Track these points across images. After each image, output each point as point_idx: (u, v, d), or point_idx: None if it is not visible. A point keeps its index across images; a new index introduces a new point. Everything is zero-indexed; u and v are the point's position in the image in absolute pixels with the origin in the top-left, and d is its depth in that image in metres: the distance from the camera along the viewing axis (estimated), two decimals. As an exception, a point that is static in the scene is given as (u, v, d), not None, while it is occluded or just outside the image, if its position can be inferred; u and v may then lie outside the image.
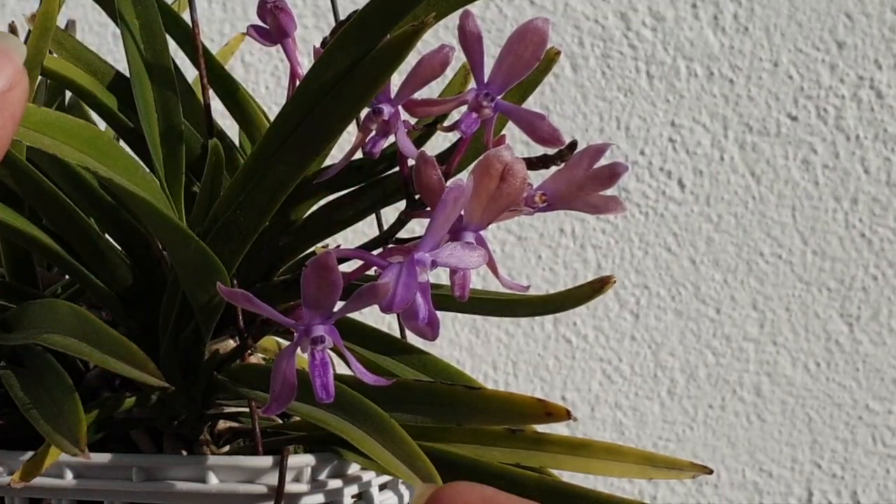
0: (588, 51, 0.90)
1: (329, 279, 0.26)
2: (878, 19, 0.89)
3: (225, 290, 0.26)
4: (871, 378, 0.93)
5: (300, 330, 0.26)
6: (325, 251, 0.26)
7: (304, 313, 0.27)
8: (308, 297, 0.26)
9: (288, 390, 0.26)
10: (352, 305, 0.26)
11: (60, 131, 0.34)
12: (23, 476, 0.38)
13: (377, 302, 0.26)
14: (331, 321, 0.26)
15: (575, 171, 0.34)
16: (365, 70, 0.33)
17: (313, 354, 0.26)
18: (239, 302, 0.26)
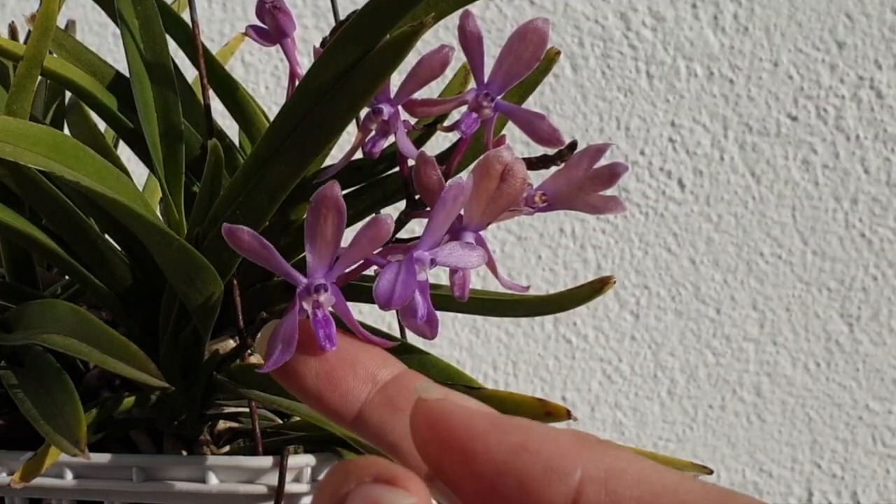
0: (588, 51, 0.90)
1: (335, 212, 0.25)
2: (878, 19, 0.89)
3: (227, 227, 0.26)
4: (871, 378, 0.93)
5: (302, 284, 0.26)
6: (331, 182, 0.25)
7: (308, 264, 0.26)
8: (312, 236, 0.26)
9: (288, 341, 0.25)
10: (353, 250, 0.26)
11: (23, 138, 0.34)
12: (23, 476, 0.38)
13: (376, 242, 0.26)
14: (333, 275, 0.26)
15: (575, 171, 0.34)
16: (364, 70, 0.33)
17: (315, 312, 0.26)
18: (242, 237, 0.26)
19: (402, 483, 0.20)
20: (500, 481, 0.21)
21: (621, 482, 0.21)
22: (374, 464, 0.20)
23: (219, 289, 0.38)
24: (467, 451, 0.21)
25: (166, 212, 0.43)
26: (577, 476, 0.21)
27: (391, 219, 0.26)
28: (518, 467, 0.21)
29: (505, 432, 0.21)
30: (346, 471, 0.20)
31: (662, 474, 0.21)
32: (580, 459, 0.21)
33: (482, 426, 0.22)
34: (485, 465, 0.21)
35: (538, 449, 0.21)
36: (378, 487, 0.20)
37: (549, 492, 0.21)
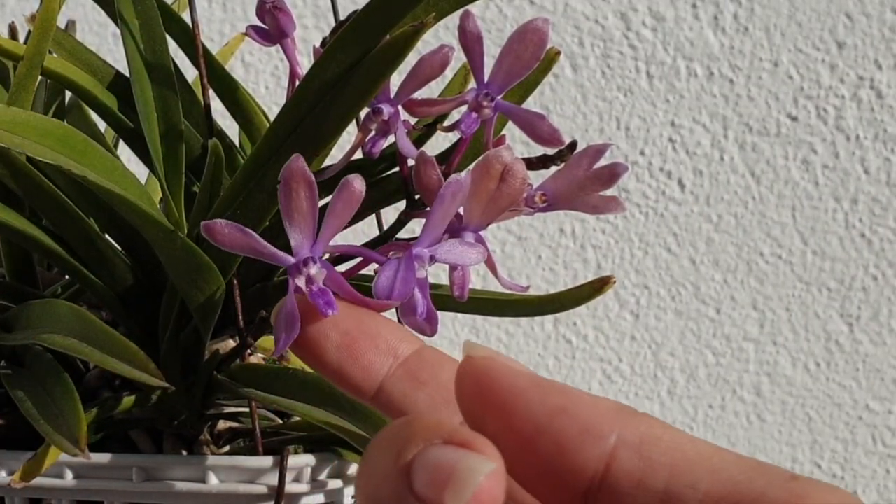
0: (588, 51, 0.90)
1: (304, 183, 0.25)
2: (878, 19, 0.89)
3: (205, 224, 0.26)
4: (871, 378, 0.93)
5: (290, 262, 0.26)
6: (295, 155, 0.25)
7: (293, 242, 0.26)
8: (288, 213, 0.26)
9: (290, 320, 0.25)
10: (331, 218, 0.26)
11: (33, 130, 0.34)
12: (23, 476, 0.38)
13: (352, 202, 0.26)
14: (319, 247, 0.26)
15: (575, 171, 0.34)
16: (365, 70, 0.33)
17: (310, 288, 0.25)
18: (221, 230, 0.25)
19: (478, 447, 0.19)
20: (538, 439, 0.21)
21: (655, 448, 0.21)
22: (442, 425, 0.19)
23: (221, 287, 0.38)
24: (508, 409, 0.22)
25: (166, 211, 0.43)
26: (611, 440, 0.21)
27: (360, 178, 0.26)
28: (556, 427, 0.21)
29: (546, 393, 0.22)
30: (410, 431, 0.19)
31: (696, 443, 0.22)
32: (616, 424, 0.21)
33: (524, 385, 0.22)
34: (524, 423, 0.22)
35: (576, 411, 0.22)
36: (452, 450, 0.19)
37: (583, 453, 0.21)
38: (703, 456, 0.21)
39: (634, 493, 0.21)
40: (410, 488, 0.19)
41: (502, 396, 0.22)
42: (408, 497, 0.19)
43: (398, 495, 0.19)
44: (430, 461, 0.19)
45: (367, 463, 0.20)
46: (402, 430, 0.20)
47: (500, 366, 0.22)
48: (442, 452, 0.19)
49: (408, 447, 0.19)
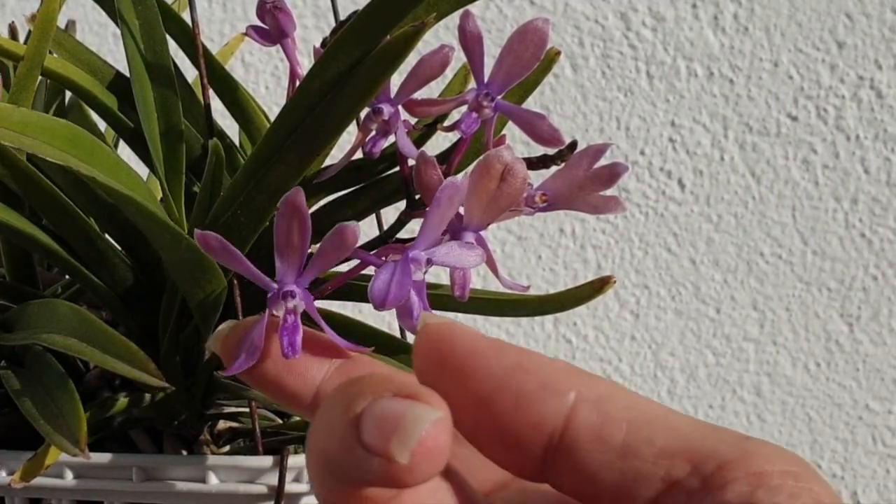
0: (588, 51, 0.90)
1: (298, 219, 0.26)
2: (878, 19, 0.89)
3: (198, 233, 0.26)
4: (871, 378, 0.93)
5: (273, 289, 0.26)
6: (295, 189, 0.26)
7: (277, 270, 0.26)
8: (279, 243, 0.26)
9: (254, 348, 0.25)
10: (319, 258, 0.26)
11: (42, 131, 0.34)
12: (23, 476, 0.38)
13: (342, 250, 0.26)
14: (303, 281, 0.26)
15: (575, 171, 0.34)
16: (365, 70, 0.33)
17: (285, 318, 0.26)
18: (211, 244, 0.26)
19: (424, 398, 0.19)
20: (497, 397, 0.22)
21: (614, 405, 0.22)
22: (390, 378, 0.20)
23: (222, 287, 0.38)
24: (467, 369, 0.22)
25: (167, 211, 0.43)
26: (571, 396, 0.22)
27: (356, 226, 0.26)
28: (514, 384, 0.22)
29: (503, 351, 0.22)
30: (359, 386, 0.20)
31: (652, 404, 0.22)
32: (575, 382, 0.22)
33: (482, 346, 0.22)
34: (482, 383, 0.22)
35: (534, 368, 0.22)
36: (399, 402, 0.19)
37: (542, 408, 0.22)
38: (659, 415, 0.22)
39: (592, 448, 0.21)
40: (358, 439, 0.19)
41: (460, 358, 0.22)
42: (355, 447, 0.19)
43: (346, 446, 0.19)
44: (378, 412, 0.19)
45: (318, 419, 0.21)
46: (352, 386, 0.20)
47: (458, 330, 0.22)
48: (389, 404, 0.19)
49: (357, 400, 0.20)
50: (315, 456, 0.20)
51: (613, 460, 0.21)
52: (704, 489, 0.20)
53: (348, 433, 0.19)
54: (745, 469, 0.20)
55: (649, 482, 0.21)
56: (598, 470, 0.21)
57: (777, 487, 0.20)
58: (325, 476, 0.20)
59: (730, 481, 0.20)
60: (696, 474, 0.21)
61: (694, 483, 0.21)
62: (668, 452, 0.21)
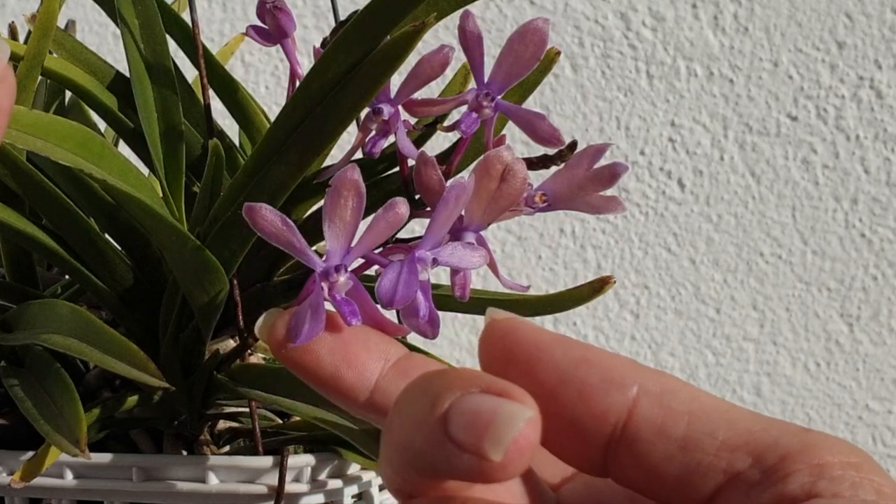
0: (588, 51, 0.90)
1: (355, 195, 0.25)
2: (878, 19, 0.89)
3: (248, 205, 0.25)
4: (871, 378, 0.93)
5: (320, 267, 0.26)
6: (351, 165, 0.25)
7: (327, 247, 0.26)
8: (331, 219, 0.26)
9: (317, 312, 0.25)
10: (371, 234, 0.26)
11: (53, 134, 0.34)
12: (23, 476, 0.38)
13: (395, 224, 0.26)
14: (351, 257, 0.26)
15: (575, 171, 0.34)
16: (365, 70, 0.33)
17: (334, 295, 0.25)
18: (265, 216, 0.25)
19: (516, 396, 0.19)
20: (562, 389, 0.22)
21: (675, 398, 0.22)
22: (479, 375, 0.20)
23: (225, 288, 0.38)
24: (532, 362, 0.22)
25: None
26: (634, 390, 0.22)
27: (405, 202, 0.26)
28: (579, 376, 0.22)
29: (569, 346, 0.22)
30: (446, 380, 0.20)
31: (713, 398, 0.22)
32: (638, 375, 0.22)
33: (548, 339, 0.22)
34: (547, 375, 0.22)
35: (598, 362, 0.22)
36: (490, 398, 0.19)
37: (606, 401, 0.22)
38: (720, 408, 0.22)
39: (654, 441, 0.22)
40: (447, 433, 0.19)
41: (527, 351, 0.22)
42: (444, 443, 0.19)
43: (434, 440, 0.19)
44: (468, 408, 0.19)
45: (399, 412, 0.21)
46: (437, 379, 0.20)
47: (524, 324, 0.23)
48: (480, 400, 0.19)
49: (444, 395, 0.19)
50: (395, 447, 0.20)
51: (675, 453, 0.21)
52: (766, 481, 0.20)
53: (436, 428, 0.19)
54: (806, 460, 0.20)
55: (711, 474, 0.21)
56: (660, 462, 0.21)
57: (839, 478, 0.20)
58: (404, 466, 0.20)
59: (791, 472, 0.20)
60: (757, 466, 0.21)
61: (755, 475, 0.21)
62: (729, 445, 0.21)
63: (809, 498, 0.20)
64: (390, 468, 0.21)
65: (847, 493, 0.20)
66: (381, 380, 0.25)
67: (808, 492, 0.20)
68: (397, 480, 0.21)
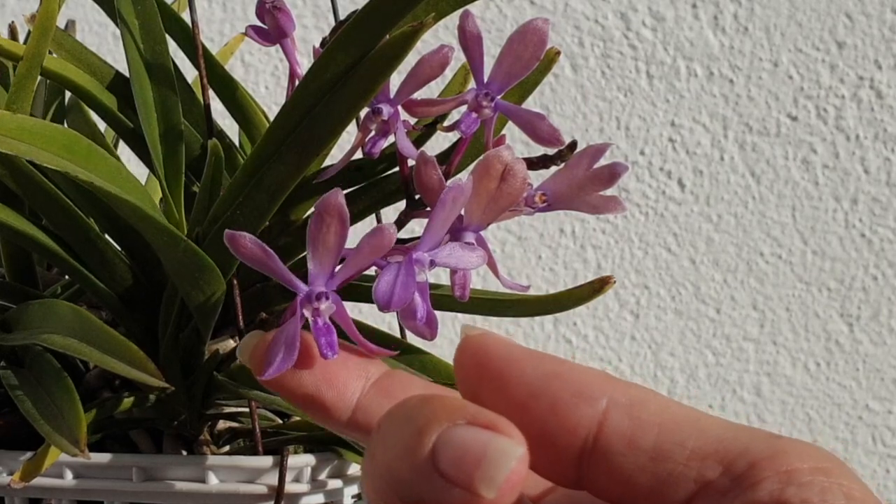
0: (588, 51, 0.90)
1: (338, 220, 0.25)
2: (878, 19, 0.89)
3: (229, 233, 0.25)
4: (871, 378, 0.93)
5: (303, 292, 0.26)
6: (334, 190, 0.25)
7: (309, 271, 0.26)
8: (314, 243, 0.26)
9: (291, 343, 0.25)
10: (353, 262, 0.26)
11: (38, 137, 0.34)
12: (23, 476, 0.38)
13: (380, 250, 0.26)
14: (334, 283, 0.26)
15: (575, 171, 0.34)
16: (364, 70, 0.33)
17: (315, 320, 0.25)
18: (244, 244, 0.25)
19: (503, 429, 0.19)
20: (533, 403, 0.22)
21: (644, 409, 0.22)
22: (464, 405, 0.19)
23: (221, 288, 0.38)
24: (505, 376, 0.22)
25: (166, 212, 0.43)
26: (603, 402, 0.22)
27: (394, 227, 0.26)
28: (550, 391, 0.22)
29: (539, 360, 0.23)
30: (431, 409, 0.20)
31: (682, 407, 0.22)
32: (607, 388, 0.22)
33: (519, 354, 0.23)
34: (519, 389, 0.22)
35: (569, 376, 0.22)
36: (479, 432, 0.19)
37: (576, 414, 0.22)
38: (690, 417, 0.22)
39: (625, 452, 0.22)
40: (435, 467, 0.19)
41: (499, 366, 0.23)
42: (432, 476, 0.19)
43: (421, 472, 0.19)
44: (457, 441, 0.19)
45: (383, 439, 0.20)
46: (421, 408, 0.20)
47: (495, 340, 0.23)
48: (468, 433, 0.19)
49: (431, 426, 0.19)
50: (379, 473, 0.20)
51: (646, 463, 0.21)
52: (736, 488, 0.20)
53: (424, 460, 0.19)
54: (775, 467, 0.20)
55: (682, 484, 0.21)
56: (632, 473, 0.22)
57: (808, 484, 0.20)
58: (387, 492, 0.20)
59: (760, 480, 0.20)
60: (727, 474, 0.21)
61: (725, 483, 0.21)
62: (699, 454, 0.21)
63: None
64: (372, 491, 0.21)
65: (816, 498, 0.20)
66: (362, 399, 0.25)
67: (777, 499, 0.20)
68: (378, 503, 0.21)
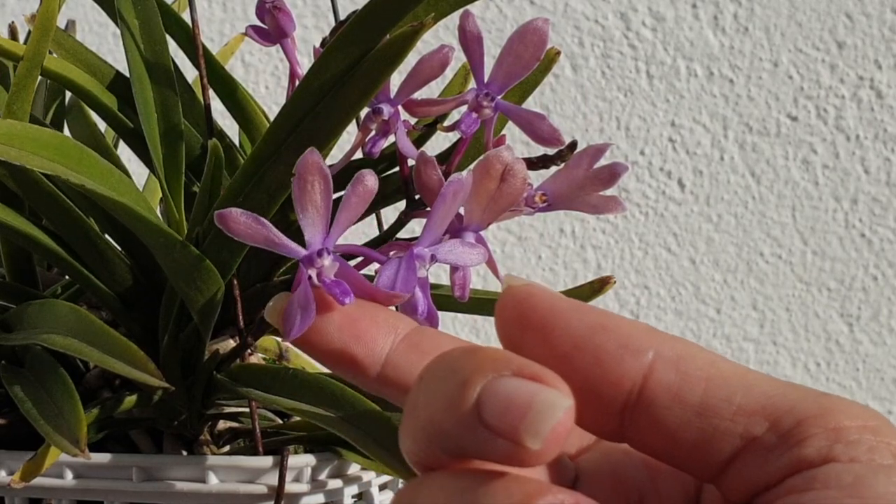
0: (588, 51, 0.90)
1: (319, 176, 0.25)
2: (878, 19, 0.89)
3: (218, 213, 0.25)
4: (871, 378, 0.93)
5: (302, 254, 0.26)
6: (310, 149, 0.25)
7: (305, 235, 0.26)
8: (302, 206, 0.25)
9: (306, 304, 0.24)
10: (344, 216, 0.26)
11: (29, 142, 0.34)
12: (23, 476, 0.38)
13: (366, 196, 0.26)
14: (331, 239, 0.26)
15: (575, 171, 0.34)
16: (364, 70, 0.33)
17: (323, 280, 0.25)
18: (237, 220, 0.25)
19: (551, 381, 0.19)
20: (577, 355, 0.22)
21: (692, 364, 0.22)
22: (510, 356, 0.19)
23: (220, 288, 0.38)
24: (548, 328, 0.22)
25: (166, 212, 0.43)
26: (649, 355, 0.22)
27: (372, 173, 0.26)
28: (595, 343, 0.22)
29: (584, 312, 0.22)
30: (476, 360, 0.19)
31: (730, 363, 0.22)
32: (654, 341, 0.22)
33: (563, 306, 0.22)
34: (563, 340, 0.22)
35: (614, 328, 0.22)
36: (526, 383, 0.19)
37: (622, 367, 0.22)
38: (738, 373, 0.22)
39: (670, 406, 0.21)
40: (480, 418, 0.19)
41: (543, 317, 0.22)
42: (476, 426, 0.19)
43: (465, 423, 0.19)
44: (503, 392, 0.19)
45: (426, 389, 0.20)
46: (467, 359, 0.20)
47: (540, 290, 0.23)
48: (514, 384, 0.19)
49: (475, 377, 0.19)
50: (421, 424, 0.20)
51: (691, 418, 0.21)
52: (782, 445, 0.20)
53: (468, 411, 0.19)
54: (823, 424, 0.20)
55: (727, 439, 0.21)
56: (677, 428, 0.21)
57: (855, 442, 0.20)
58: (428, 444, 0.20)
59: (808, 437, 0.20)
60: (774, 431, 0.21)
61: (772, 439, 0.21)
62: (746, 410, 0.21)
63: (826, 462, 0.20)
64: (412, 442, 0.21)
65: (864, 457, 0.20)
66: (391, 354, 0.24)
67: (825, 456, 0.20)
68: (418, 454, 0.21)
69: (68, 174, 0.34)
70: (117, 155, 0.45)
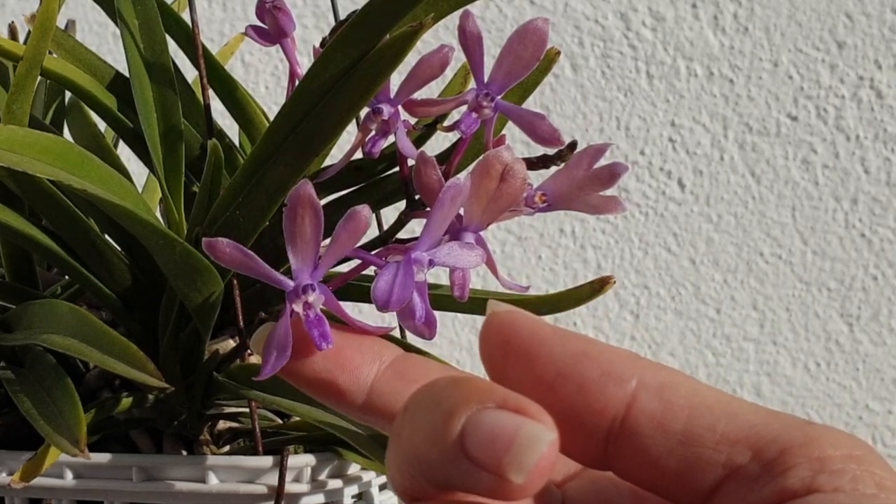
0: (588, 51, 0.90)
1: (310, 210, 0.25)
2: (878, 19, 0.89)
3: (206, 241, 0.25)
4: (871, 378, 0.93)
5: (289, 287, 0.26)
6: (303, 181, 0.25)
7: (292, 266, 0.26)
8: (291, 238, 0.25)
9: (283, 344, 0.25)
10: (333, 251, 0.26)
11: (30, 147, 0.34)
12: (23, 476, 0.38)
13: (357, 234, 0.26)
14: (319, 273, 0.26)
15: (575, 172, 0.34)
16: (364, 70, 0.33)
17: (307, 313, 0.25)
18: (224, 250, 0.25)
19: (534, 414, 0.19)
20: (561, 383, 0.22)
21: (675, 392, 0.21)
22: (494, 388, 0.19)
23: (219, 289, 0.38)
24: (531, 356, 0.22)
25: (166, 212, 0.43)
26: (633, 384, 0.22)
27: (367, 210, 0.26)
28: (578, 371, 0.22)
29: (567, 339, 0.22)
30: (460, 392, 0.19)
31: (714, 390, 0.22)
32: (637, 369, 0.22)
33: (547, 333, 0.22)
34: (547, 368, 0.22)
35: (598, 356, 0.22)
36: (509, 415, 0.19)
37: (605, 395, 0.22)
38: (721, 401, 0.22)
39: (654, 435, 0.21)
40: (464, 451, 0.19)
41: (526, 344, 0.22)
42: (461, 459, 0.19)
43: (449, 456, 0.19)
44: (487, 425, 0.19)
45: (411, 420, 0.20)
46: (450, 391, 0.20)
47: (523, 317, 0.23)
48: (498, 417, 0.19)
49: (459, 408, 0.19)
50: (406, 455, 0.20)
51: (674, 447, 0.21)
52: (766, 475, 0.20)
53: (453, 443, 0.19)
54: (807, 454, 0.20)
55: (711, 468, 0.21)
56: (660, 456, 0.21)
57: (839, 472, 0.20)
58: (413, 474, 0.20)
59: (792, 466, 0.20)
60: (757, 460, 0.20)
61: (756, 469, 0.20)
62: (729, 439, 0.21)
63: (810, 492, 0.20)
64: (398, 473, 0.21)
65: (847, 487, 0.19)
66: (376, 382, 0.24)
67: (809, 486, 0.20)
68: (404, 484, 0.21)
69: (70, 179, 0.34)
70: (117, 155, 0.45)
